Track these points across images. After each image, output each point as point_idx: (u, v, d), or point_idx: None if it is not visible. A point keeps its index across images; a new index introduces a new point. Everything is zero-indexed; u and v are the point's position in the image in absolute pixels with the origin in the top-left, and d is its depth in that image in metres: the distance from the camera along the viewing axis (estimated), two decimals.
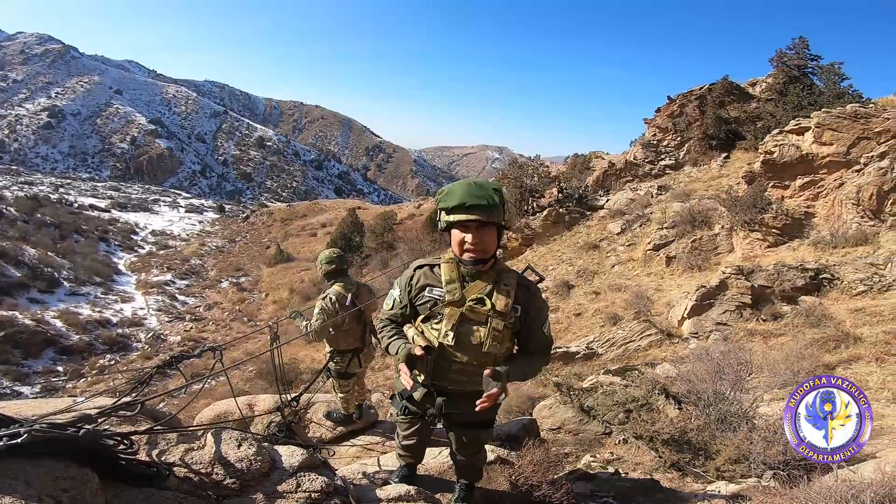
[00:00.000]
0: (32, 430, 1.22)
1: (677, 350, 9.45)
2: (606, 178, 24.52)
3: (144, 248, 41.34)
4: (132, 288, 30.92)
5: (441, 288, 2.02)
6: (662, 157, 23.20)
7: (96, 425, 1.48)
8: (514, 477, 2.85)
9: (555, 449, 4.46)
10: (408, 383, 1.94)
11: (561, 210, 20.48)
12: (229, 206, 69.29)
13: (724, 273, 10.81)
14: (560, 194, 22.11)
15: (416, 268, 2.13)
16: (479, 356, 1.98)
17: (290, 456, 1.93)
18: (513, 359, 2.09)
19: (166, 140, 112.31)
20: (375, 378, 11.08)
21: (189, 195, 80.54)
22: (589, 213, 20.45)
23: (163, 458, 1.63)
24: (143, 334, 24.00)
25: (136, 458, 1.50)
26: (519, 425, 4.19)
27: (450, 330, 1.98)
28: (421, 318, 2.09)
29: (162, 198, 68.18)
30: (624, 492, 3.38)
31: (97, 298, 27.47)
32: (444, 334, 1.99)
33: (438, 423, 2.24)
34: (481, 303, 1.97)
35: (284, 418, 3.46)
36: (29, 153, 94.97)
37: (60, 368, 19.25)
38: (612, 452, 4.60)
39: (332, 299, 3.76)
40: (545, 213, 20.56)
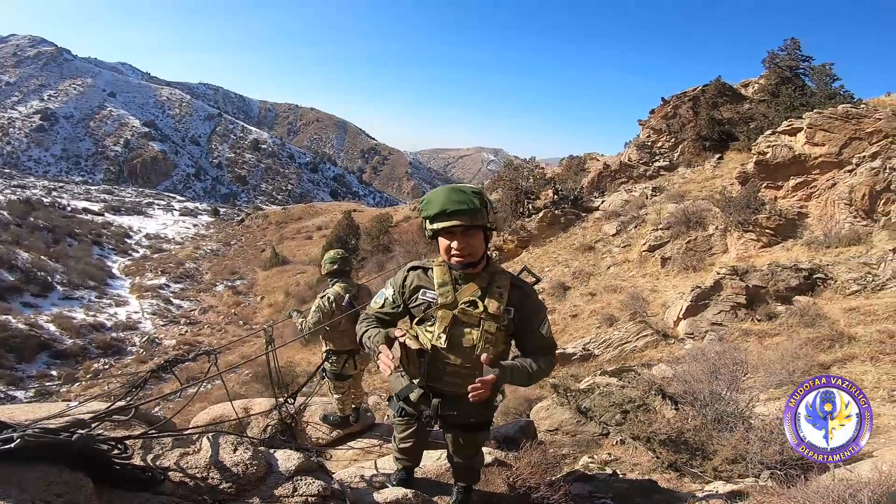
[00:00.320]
0: (25, 435, 1.22)
1: (673, 351, 9.48)
2: (601, 180, 24.66)
3: (138, 251, 41.11)
4: (126, 292, 30.75)
5: (434, 291, 2.02)
6: (657, 158, 23.34)
7: (90, 430, 1.46)
8: (511, 479, 2.84)
9: (552, 450, 4.46)
10: (388, 367, 1.85)
11: (556, 212, 20.53)
12: (224, 210, 69.13)
13: (718, 273, 10.87)
14: (555, 196, 22.16)
15: (410, 269, 2.13)
16: (471, 358, 1.98)
17: (286, 460, 1.92)
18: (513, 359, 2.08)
19: (160, 143, 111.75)
20: (372, 381, 11.05)
21: (183, 198, 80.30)
22: (584, 214, 20.51)
23: (158, 463, 1.62)
24: (137, 338, 23.86)
25: (130, 462, 1.49)
26: (516, 427, 4.19)
27: (442, 332, 1.98)
28: (415, 320, 2.09)
29: (156, 201, 67.88)
30: (622, 493, 3.38)
31: (91, 302, 27.29)
32: (436, 337, 1.99)
33: (435, 424, 2.23)
34: (473, 305, 1.97)
35: (283, 418, 3.44)
36: (21, 156, 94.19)
37: (54, 373, 19.10)
38: (609, 453, 4.60)
39: (329, 299, 3.81)
40: (541, 214, 20.60)
